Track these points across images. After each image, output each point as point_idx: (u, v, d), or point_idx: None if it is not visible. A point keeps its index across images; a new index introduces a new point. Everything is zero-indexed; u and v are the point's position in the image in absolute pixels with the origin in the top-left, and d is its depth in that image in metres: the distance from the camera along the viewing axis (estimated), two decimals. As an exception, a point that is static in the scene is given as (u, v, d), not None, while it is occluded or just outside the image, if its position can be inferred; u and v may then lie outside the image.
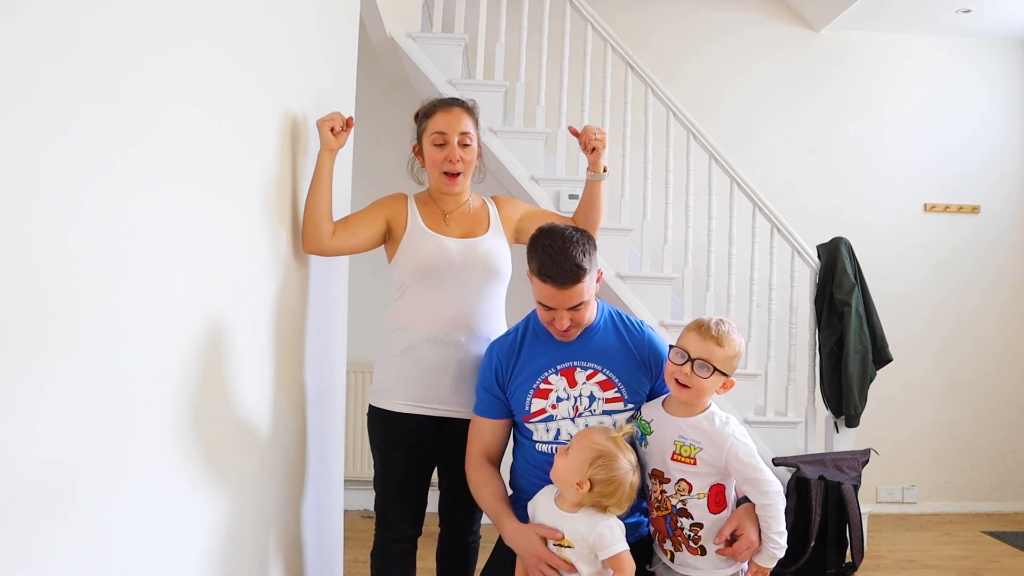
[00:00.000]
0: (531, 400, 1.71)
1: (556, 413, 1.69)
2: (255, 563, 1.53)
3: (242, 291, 1.44)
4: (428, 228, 1.92)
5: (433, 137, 1.90)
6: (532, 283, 1.67)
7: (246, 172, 1.46)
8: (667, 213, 3.40)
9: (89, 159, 0.90)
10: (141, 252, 1.03)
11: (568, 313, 1.64)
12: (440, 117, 1.91)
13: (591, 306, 1.69)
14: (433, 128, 1.91)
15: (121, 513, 0.99)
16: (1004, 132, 4.33)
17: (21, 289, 0.78)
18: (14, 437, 0.78)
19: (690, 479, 1.57)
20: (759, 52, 4.23)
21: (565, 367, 1.71)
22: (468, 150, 1.91)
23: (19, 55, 0.77)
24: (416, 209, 1.95)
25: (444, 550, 2.04)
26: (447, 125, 1.89)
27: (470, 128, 1.93)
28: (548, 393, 1.70)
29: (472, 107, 1.97)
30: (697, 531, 1.58)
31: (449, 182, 1.91)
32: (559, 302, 1.62)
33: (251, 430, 1.50)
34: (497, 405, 1.76)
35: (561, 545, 1.55)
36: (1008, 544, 3.70)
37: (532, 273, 1.66)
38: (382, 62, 3.58)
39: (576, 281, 1.60)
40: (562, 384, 1.70)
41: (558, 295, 1.61)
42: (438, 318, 1.88)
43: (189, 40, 1.17)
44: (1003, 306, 4.31)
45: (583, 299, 1.62)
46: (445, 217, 1.95)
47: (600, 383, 1.69)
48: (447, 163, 1.89)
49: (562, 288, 1.60)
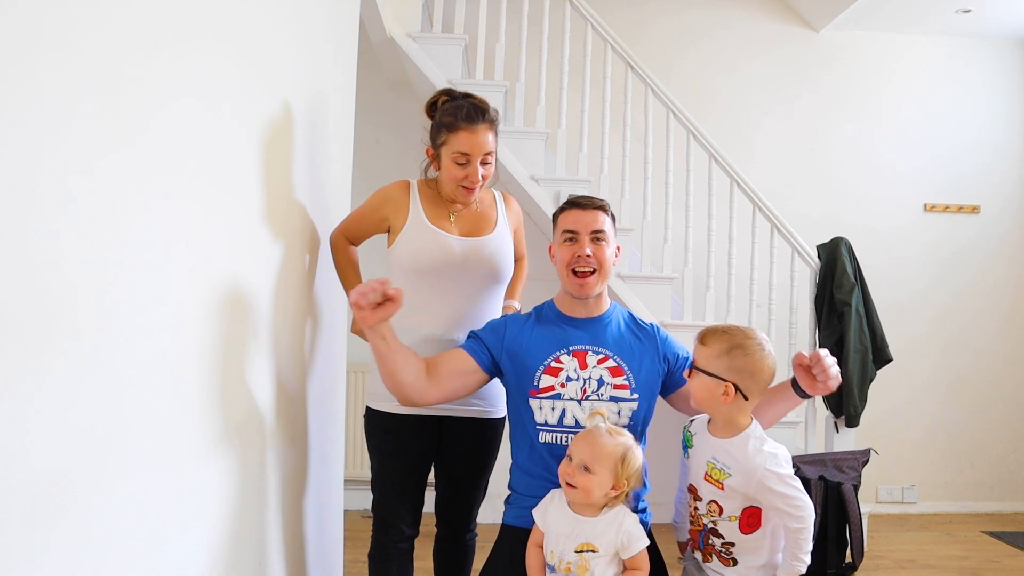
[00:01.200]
0: (541, 375, 1.70)
1: (564, 392, 1.68)
2: (255, 563, 1.53)
3: (242, 290, 1.44)
4: (430, 223, 1.87)
5: (455, 156, 1.81)
6: (557, 225, 1.78)
7: (247, 170, 1.46)
8: (667, 213, 3.40)
9: (88, 157, 0.90)
10: (140, 251, 1.03)
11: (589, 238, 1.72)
12: (464, 137, 1.80)
13: (610, 247, 1.76)
14: (456, 147, 1.81)
15: (120, 514, 0.99)
16: (1004, 132, 4.34)
17: (19, 289, 0.78)
18: (11, 437, 0.78)
19: (721, 502, 1.53)
20: (759, 51, 4.23)
21: (577, 349, 1.72)
22: (489, 167, 1.85)
23: (14, 50, 0.77)
24: (419, 200, 1.89)
25: (441, 549, 2.03)
26: (471, 147, 1.80)
27: (493, 146, 1.85)
28: (559, 372, 1.70)
29: (496, 119, 1.88)
30: (729, 548, 1.55)
31: (466, 194, 1.86)
32: (583, 224, 1.73)
33: (251, 430, 1.50)
34: (480, 349, 1.73)
35: (582, 551, 1.50)
36: (1008, 544, 3.70)
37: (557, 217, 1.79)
38: (382, 62, 3.58)
39: (600, 208, 1.76)
40: (573, 365, 1.70)
41: (583, 216, 1.74)
42: (435, 317, 1.86)
43: (190, 32, 1.17)
44: (1003, 306, 4.32)
45: (603, 228, 1.74)
46: (450, 212, 1.91)
47: (611, 368, 1.70)
48: (467, 180, 1.83)
49: (586, 210, 1.74)
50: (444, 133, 1.83)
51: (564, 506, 1.56)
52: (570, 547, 1.51)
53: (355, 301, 1.51)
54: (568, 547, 1.52)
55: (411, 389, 1.63)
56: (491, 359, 1.73)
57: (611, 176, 3.54)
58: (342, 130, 2.24)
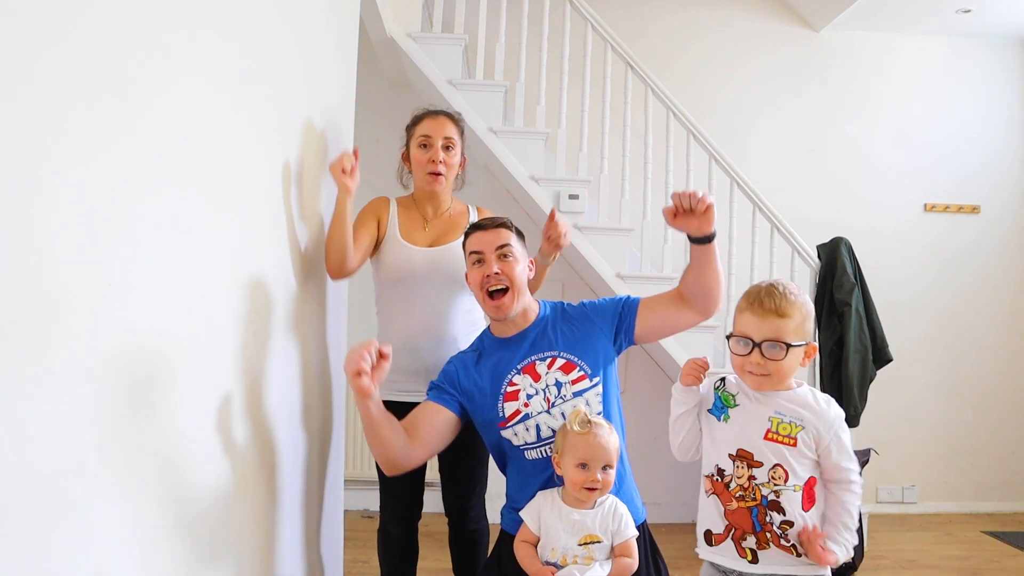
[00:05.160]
0: (503, 405, 1.72)
1: (531, 410, 1.70)
2: (256, 563, 1.53)
3: (242, 290, 1.43)
4: (401, 238, 2.07)
5: (419, 140, 2.08)
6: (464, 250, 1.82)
7: (248, 168, 1.46)
8: (667, 213, 3.39)
9: (86, 153, 0.90)
10: (140, 251, 1.03)
11: (495, 256, 1.73)
12: (426, 123, 2.09)
13: (519, 264, 1.76)
14: (420, 132, 2.09)
15: (120, 514, 0.99)
16: (1004, 132, 4.33)
17: (18, 288, 0.78)
18: (11, 437, 0.78)
19: (789, 465, 1.35)
20: (759, 51, 4.23)
21: (524, 364, 1.73)
22: (450, 153, 2.08)
23: (14, 50, 0.77)
24: (396, 215, 2.11)
25: (453, 540, 2.18)
26: (432, 129, 2.07)
27: (454, 134, 2.10)
28: (517, 394, 1.71)
29: (458, 118, 2.15)
30: (786, 529, 1.36)
31: (432, 181, 2.07)
32: (486, 244, 1.75)
33: (251, 430, 1.50)
34: (448, 399, 1.75)
35: (587, 543, 1.53)
36: (1008, 544, 3.70)
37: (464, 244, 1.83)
38: (382, 62, 3.58)
39: (501, 225, 1.78)
40: (527, 381, 1.72)
41: (485, 236, 1.76)
42: (405, 327, 2.04)
43: (192, 31, 1.17)
44: (1004, 306, 4.31)
45: (508, 242, 1.75)
46: (425, 224, 2.11)
47: (562, 367, 1.71)
48: (430, 164, 2.05)
49: (487, 231, 1.77)
50: (410, 128, 2.13)
51: (559, 505, 1.58)
52: (572, 541, 1.54)
53: (356, 370, 1.47)
54: (570, 542, 1.54)
55: (398, 457, 1.66)
56: (460, 406, 1.76)
57: (611, 176, 3.54)
58: (342, 130, 2.25)
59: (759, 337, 1.36)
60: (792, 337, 1.36)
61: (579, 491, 1.54)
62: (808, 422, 1.37)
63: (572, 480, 1.55)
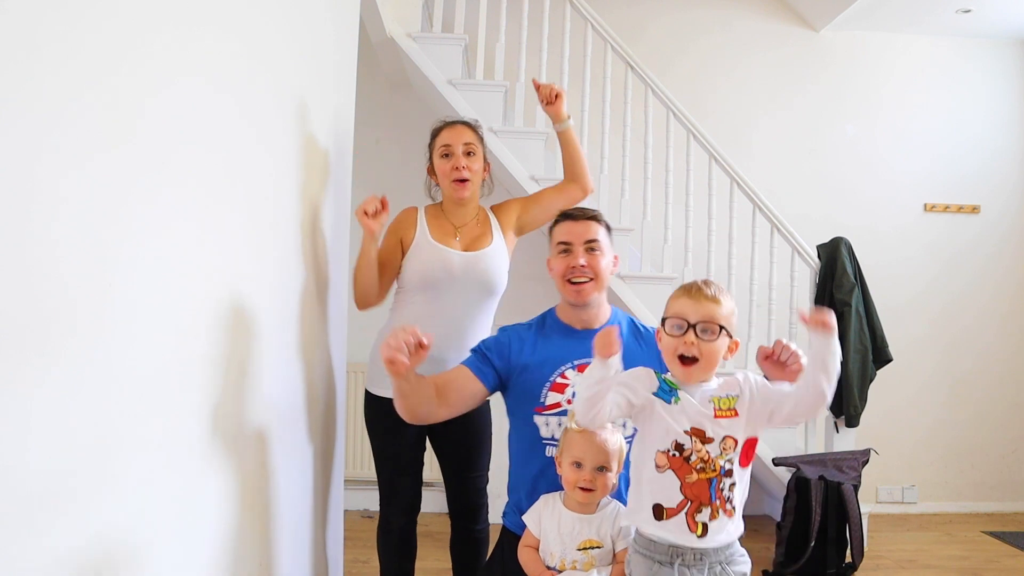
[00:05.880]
0: (547, 392, 1.71)
1: None
2: (256, 563, 1.53)
3: (243, 290, 1.43)
4: (435, 240, 2.07)
5: (440, 150, 2.11)
6: (552, 238, 1.79)
7: (248, 168, 1.46)
8: (667, 213, 3.40)
9: (86, 154, 0.90)
10: (140, 251, 1.03)
11: (583, 248, 1.73)
12: (445, 133, 2.13)
13: (605, 258, 1.76)
14: (440, 143, 2.12)
15: (120, 514, 0.99)
16: (1004, 132, 4.33)
17: (18, 288, 0.78)
18: (11, 437, 0.78)
19: (735, 433, 1.44)
20: (759, 51, 4.23)
21: (582, 363, 1.70)
22: (473, 158, 2.09)
23: (14, 49, 0.77)
24: (425, 221, 2.12)
25: (455, 540, 2.20)
26: (451, 138, 2.10)
27: (473, 140, 2.12)
28: (564, 388, 1.70)
29: (476, 125, 2.18)
30: (732, 490, 1.45)
31: (459, 188, 2.08)
32: (576, 235, 1.74)
33: (251, 430, 1.50)
34: (487, 371, 1.74)
35: (588, 548, 1.52)
36: (1008, 544, 3.70)
37: (552, 230, 1.80)
38: (382, 62, 3.58)
39: (592, 218, 1.77)
40: (578, 379, 1.70)
41: (575, 227, 1.75)
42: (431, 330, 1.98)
43: (192, 31, 1.17)
44: (1004, 306, 4.31)
45: (596, 237, 1.75)
46: (456, 231, 2.11)
47: None
48: (454, 171, 2.07)
49: (578, 221, 1.76)
50: (431, 142, 2.16)
51: (560, 509, 1.56)
52: (572, 546, 1.52)
53: (392, 358, 1.48)
54: (570, 546, 1.53)
55: (423, 413, 1.68)
56: (497, 380, 1.75)
57: (611, 176, 3.54)
58: (342, 130, 2.25)
59: (695, 319, 1.45)
60: (724, 323, 1.47)
61: (573, 491, 1.53)
62: (735, 387, 1.47)
63: (566, 479, 1.54)
